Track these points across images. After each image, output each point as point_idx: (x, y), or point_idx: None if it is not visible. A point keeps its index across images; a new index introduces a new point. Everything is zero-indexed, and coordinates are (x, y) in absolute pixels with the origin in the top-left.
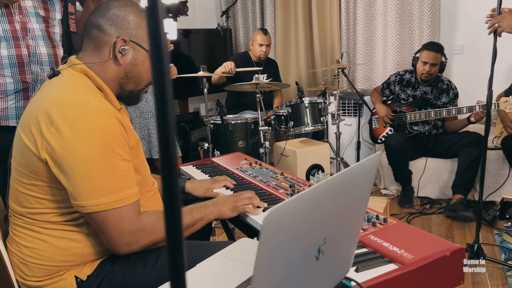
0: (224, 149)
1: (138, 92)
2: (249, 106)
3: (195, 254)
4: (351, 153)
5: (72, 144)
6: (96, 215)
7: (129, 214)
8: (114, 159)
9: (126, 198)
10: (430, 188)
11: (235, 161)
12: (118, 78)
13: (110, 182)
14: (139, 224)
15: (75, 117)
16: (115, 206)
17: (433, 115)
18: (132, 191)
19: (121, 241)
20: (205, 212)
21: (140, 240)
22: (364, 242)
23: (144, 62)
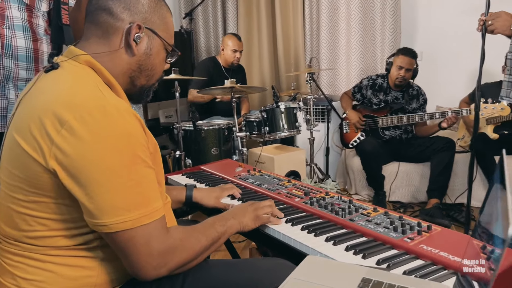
0: (195, 157)
1: (149, 88)
2: (218, 112)
3: (228, 275)
4: (320, 158)
5: (93, 150)
6: (121, 235)
7: (158, 231)
8: (140, 166)
9: (154, 213)
10: (401, 192)
11: (229, 168)
12: (130, 71)
13: (137, 194)
14: (168, 242)
15: (93, 118)
16: (144, 222)
17: (405, 120)
18: (159, 203)
19: (149, 264)
20: (227, 225)
21: (170, 261)
22: (419, 252)
23: (159, 52)
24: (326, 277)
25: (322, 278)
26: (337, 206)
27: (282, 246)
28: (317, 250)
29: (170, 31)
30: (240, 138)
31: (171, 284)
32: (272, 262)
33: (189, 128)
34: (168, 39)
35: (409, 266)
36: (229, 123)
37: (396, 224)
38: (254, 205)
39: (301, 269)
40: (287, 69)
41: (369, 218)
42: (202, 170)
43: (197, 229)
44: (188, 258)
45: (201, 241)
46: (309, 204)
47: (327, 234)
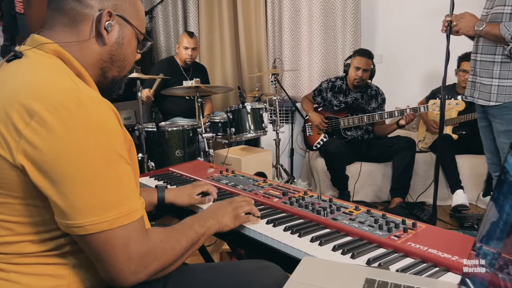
0: (159, 159)
1: (121, 80)
2: (179, 113)
3: (213, 278)
4: (285, 160)
5: (67, 144)
6: (98, 237)
7: (137, 232)
8: (118, 161)
9: (133, 213)
10: (365, 192)
11: (199, 169)
12: (101, 61)
13: (115, 192)
14: (148, 244)
15: (67, 109)
16: (122, 222)
17: (366, 119)
18: (138, 203)
19: (128, 269)
20: (206, 226)
21: (149, 265)
22: (407, 250)
23: (131, 41)
24: (327, 279)
25: (324, 280)
26: (317, 205)
27: (263, 248)
28: (303, 251)
29: (141, 18)
30: (207, 139)
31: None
32: (258, 264)
33: (151, 129)
34: (140, 27)
35: (400, 264)
36: (193, 124)
37: (380, 222)
38: (233, 204)
39: (300, 272)
40: (250, 70)
41: (352, 216)
42: (171, 172)
43: (176, 230)
44: (168, 261)
45: (181, 242)
46: (289, 204)
47: (311, 234)
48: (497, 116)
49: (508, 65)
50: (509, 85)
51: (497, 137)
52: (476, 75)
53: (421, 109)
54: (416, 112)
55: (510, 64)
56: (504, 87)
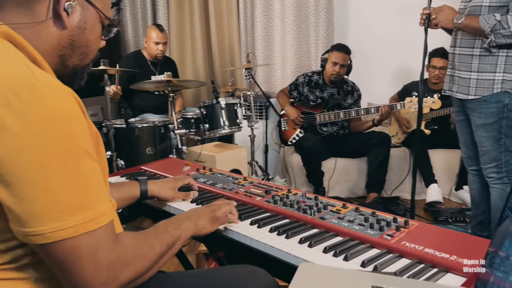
0: (129, 157)
1: (83, 69)
2: (149, 109)
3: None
4: (259, 156)
5: (21, 139)
6: (61, 246)
7: (107, 238)
8: (83, 158)
9: (101, 217)
10: (340, 187)
11: (174, 167)
12: (60, 47)
13: (80, 193)
14: (119, 251)
15: (20, 98)
16: (89, 228)
17: (342, 115)
18: (107, 205)
19: (97, 280)
20: (182, 228)
21: (121, 274)
22: (403, 251)
23: (94, 26)
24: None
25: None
26: (303, 204)
27: (246, 251)
28: (292, 254)
29: (106, 1)
30: (179, 136)
31: None
32: (243, 269)
33: (120, 126)
34: (105, 11)
35: (397, 266)
36: (165, 120)
37: (371, 221)
38: (210, 206)
39: (298, 281)
40: (222, 64)
41: (340, 215)
42: (143, 170)
43: (149, 235)
44: (142, 269)
45: (155, 248)
46: (273, 203)
47: (299, 235)
48: (475, 109)
49: (486, 58)
50: (488, 79)
51: (475, 131)
52: (454, 69)
53: (397, 106)
54: (392, 109)
55: (488, 57)
56: (482, 80)
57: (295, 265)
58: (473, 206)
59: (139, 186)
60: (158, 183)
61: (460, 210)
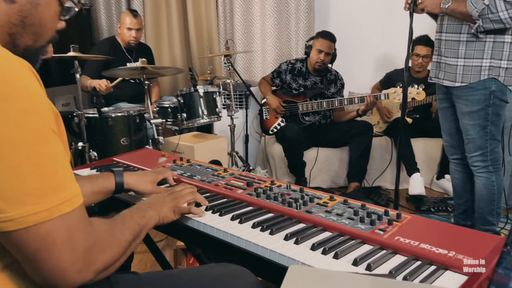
0: (102, 149)
1: (37, 52)
2: (124, 98)
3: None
4: (240, 147)
5: None
6: (35, 231)
7: (82, 221)
8: (51, 138)
9: (75, 198)
10: (322, 177)
11: (149, 159)
12: (9, 24)
13: (52, 173)
14: (94, 235)
15: None
16: (64, 210)
17: (325, 105)
18: (77, 187)
19: (74, 267)
20: (147, 217)
21: (96, 260)
22: (397, 246)
23: (50, 3)
24: None
25: None
26: (288, 196)
27: (228, 248)
28: (278, 252)
29: None
30: (156, 126)
31: None
32: (224, 269)
33: (93, 115)
34: None
35: (392, 264)
36: (140, 109)
37: (361, 214)
38: (173, 194)
39: (289, 285)
40: (200, 51)
41: (328, 208)
42: (116, 162)
43: (118, 221)
44: (115, 255)
45: (125, 234)
46: (255, 196)
47: (285, 230)
48: (461, 97)
49: (473, 44)
50: (475, 65)
51: (460, 118)
52: (441, 55)
53: (381, 97)
54: (377, 99)
55: (476, 43)
56: (469, 67)
57: (280, 264)
58: (456, 195)
59: (114, 178)
60: (135, 175)
61: (442, 199)
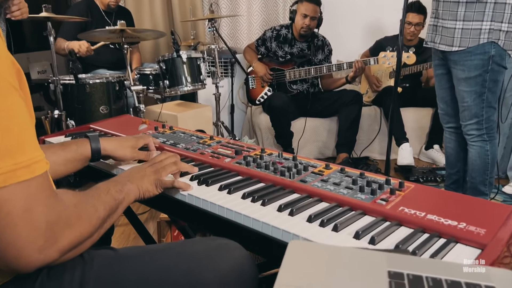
0: (80, 117)
1: None
2: (103, 64)
3: (152, 269)
4: (225, 117)
5: None
6: None
7: (44, 192)
8: (10, 94)
9: (36, 164)
10: (309, 148)
11: (128, 126)
12: None
13: (7, 134)
14: (59, 208)
15: None
16: (22, 177)
17: (313, 72)
18: (40, 152)
19: (34, 244)
20: (125, 191)
21: (61, 236)
22: (401, 218)
23: None
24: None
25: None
26: (280, 165)
27: (214, 220)
28: (271, 225)
29: None
30: (136, 93)
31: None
32: (211, 243)
33: (69, 82)
34: None
35: (397, 236)
36: (120, 76)
37: (360, 183)
38: (154, 166)
39: (289, 266)
40: (183, 15)
41: (324, 177)
42: (92, 129)
43: (91, 195)
44: (84, 233)
45: (98, 210)
46: (245, 165)
47: (277, 201)
48: (458, 62)
49: (474, 6)
50: (474, 28)
51: (456, 85)
52: (438, 18)
53: (371, 62)
54: (366, 64)
55: (476, 4)
56: (468, 30)
57: (274, 238)
58: (448, 165)
59: (90, 144)
60: (113, 141)
61: (431, 169)
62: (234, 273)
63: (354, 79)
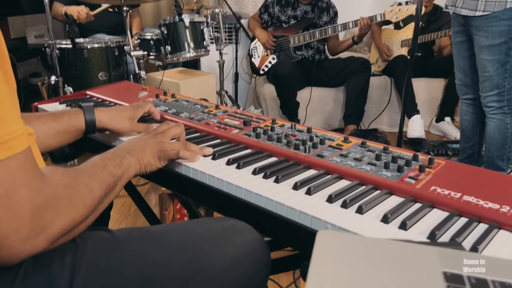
0: (78, 84)
1: None
2: (102, 28)
3: (154, 256)
4: (228, 86)
5: None
6: None
7: (26, 173)
8: None
9: (15, 140)
10: (315, 119)
11: (127, 92)
12: None
13: None
14: (46, 190)
15: None
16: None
17: (318, 34)
18: (20, 124)
19: (17, 235)
20: (124, 166)
21: (50, 224)
22: (434, 199)
23: None
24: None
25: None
26: (293, 137)
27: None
28: (286, 205)
29: None
30: (137, 59)
31: (50, 281)
32: (219, 224)
33: (66, 46)
34: None
35: (430, 220)
36: (119, 41)
37: (384, 159)
38: (156, 137)
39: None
40: None
41: (343, 151)
42: (89, 96)
43: (84, 172)
44: (78, 217)
45: (93, 189)
46: (254, 137)
47: (292, 178)
48: (481, 28)
49: None
50: None
51: (478, 53)
52: None
53: (377, 17)
54: (372, 21)
55: None
56: None
57: (289, 219)
58: (463, 138)
59: (83, 115)
60: (109, 111)
61: (442, 142)
62: (246, 258)
63: (361, 39)
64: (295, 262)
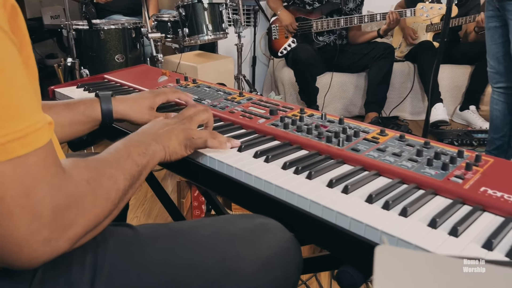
0: (94, 66)
1: None
2: (118, 10)
3: (180, 257)
4: (246, 70)
5: None
6: None
7: (47, 170)
8: None
9: (35, 134)
10: (334, 105)
11: (147, 77)
12: None
13: None
14: (68, 188)
15: None
16: (14, 152)
17: (343, 23)
18: (41, 116)
19: (36, 237)
20: (149, 154)
21: (73, 224)
22: (484, 201)
23: None
24: None
25: None
26: (324, 129)
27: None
28: (321, 204)
29: None
30: (154, 42)
31: (70, 283)
32: (250, 223)
33: (82, 27)
34: None
35: (482, 226)
36: (136, 22)
37: (427, 155)
38: (183, 123)
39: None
40: None
41: (380, 145)
42: (107, 80)
43: (107, 162)
44: (102, 213)
45: (117, 181)
46: (282, 127)
47: (326, 174)
48: None
49: None
50: None
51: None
52: None
53: (407, 13)
54: (401, 16)
55: None
56: None
57: (324, 220)
58: (493, 129)
59: (100, 105)
60: (127, 101)
61: (467, 132)
62: (278, 260)
63: (386, 33)
64: (326, 264)
